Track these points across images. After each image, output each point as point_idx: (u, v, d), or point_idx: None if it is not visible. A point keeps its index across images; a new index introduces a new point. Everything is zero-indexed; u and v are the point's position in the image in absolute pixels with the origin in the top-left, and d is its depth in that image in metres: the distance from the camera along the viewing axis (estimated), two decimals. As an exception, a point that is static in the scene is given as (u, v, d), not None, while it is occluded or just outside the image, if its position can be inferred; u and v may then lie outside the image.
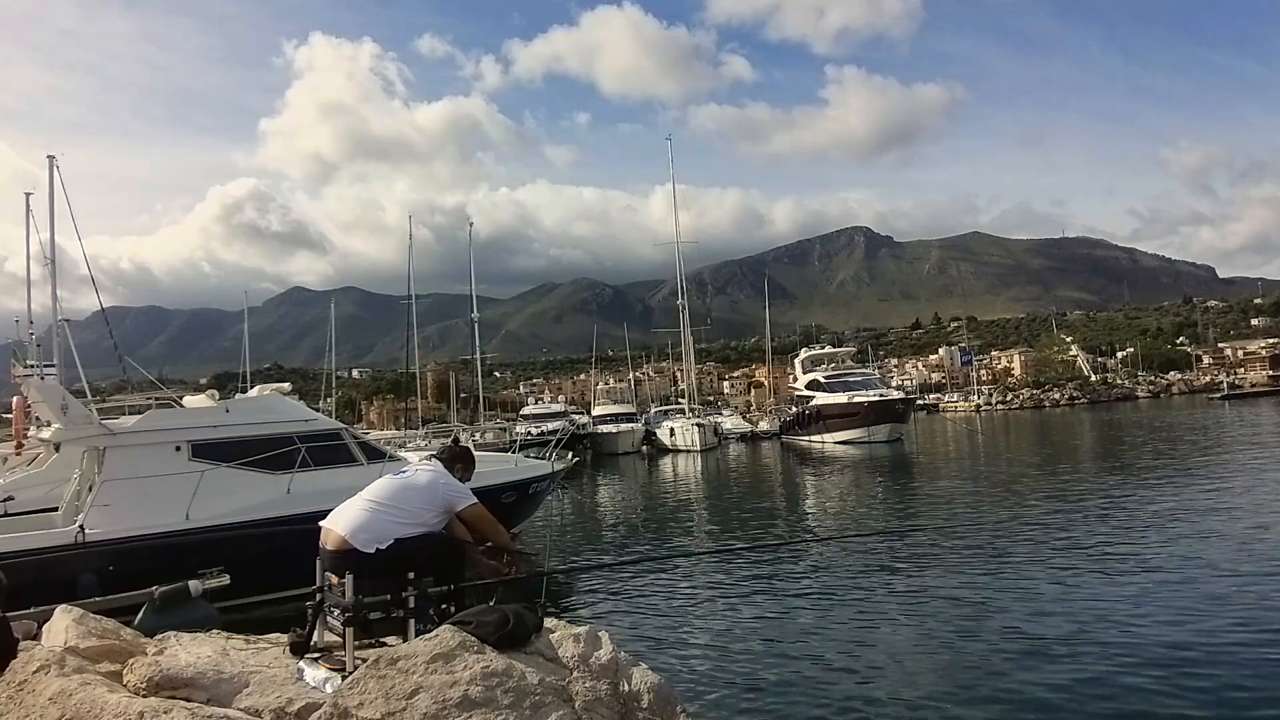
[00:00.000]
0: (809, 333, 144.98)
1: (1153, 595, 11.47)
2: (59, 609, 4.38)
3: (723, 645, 10.42)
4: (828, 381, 55.41)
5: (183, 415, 14.61)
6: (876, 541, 16.86)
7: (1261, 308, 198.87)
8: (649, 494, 32.19)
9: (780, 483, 35.14)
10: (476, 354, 62.61)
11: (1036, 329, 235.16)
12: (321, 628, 4.19)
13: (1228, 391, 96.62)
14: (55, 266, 29.73)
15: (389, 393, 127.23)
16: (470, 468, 5.04)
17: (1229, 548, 14.19)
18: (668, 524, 23.14)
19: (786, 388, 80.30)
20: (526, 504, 17.90)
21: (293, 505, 12.57)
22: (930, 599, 12.02)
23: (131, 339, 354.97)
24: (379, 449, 15.91)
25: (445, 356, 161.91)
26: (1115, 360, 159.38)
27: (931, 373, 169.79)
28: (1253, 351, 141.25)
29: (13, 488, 15.23)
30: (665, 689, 3.91)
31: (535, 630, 3.91)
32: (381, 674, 3.46)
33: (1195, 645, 9.21)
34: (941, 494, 26.42)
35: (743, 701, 8.41)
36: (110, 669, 3.83)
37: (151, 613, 9.15)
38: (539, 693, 3.50)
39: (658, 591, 13.50)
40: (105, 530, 12.08)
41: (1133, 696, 7.90)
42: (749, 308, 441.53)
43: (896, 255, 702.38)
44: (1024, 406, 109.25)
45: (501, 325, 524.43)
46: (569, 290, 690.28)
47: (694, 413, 60.82)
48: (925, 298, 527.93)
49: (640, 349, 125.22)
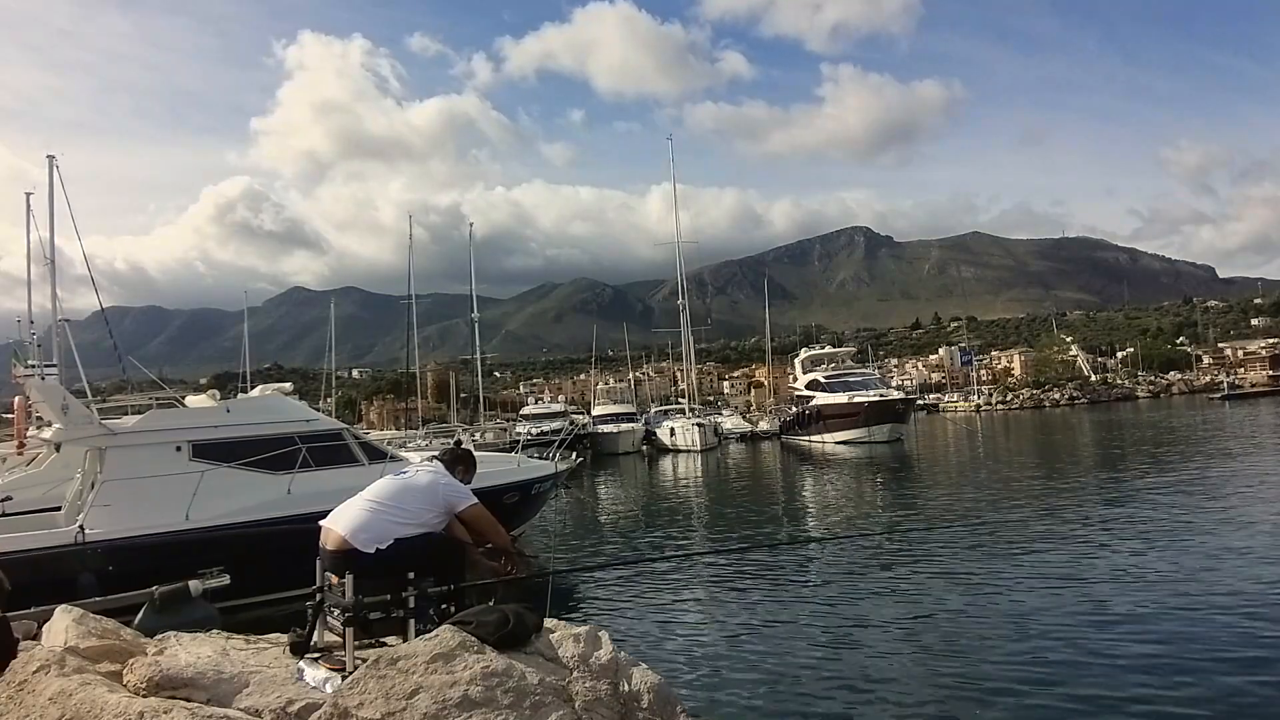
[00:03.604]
0: (809, 333, 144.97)
1: (1153, 595, 11.46)
2: (59, 609, 4.38)
3: (723, 645, 10.41)
4: (828, 381, 55.38)
5: (183, 415, 14.58)
6: (877, 541, 16.85)
7: (1261, 308, 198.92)
8: (649, 494, 32.19)
9: (780, 483, 35.12)
10: (476, 354, 62.63)
11: (1036, 329, 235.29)
12: (321, 628, 4.19)
13: (1228, 391, 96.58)
14: (55, 267, 29.75)
15: (389, 393, 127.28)
16: (471, 470, 5.05)
17: (1229, 548, 14.18)
18: (668, 524, 23.13)
19: (786, 388, 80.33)
20: (529, 505, 17.84)
21: (293, 505, 12.54)
22: (930, 599, 12.01)
23: (131, 339, 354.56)
24: (380, 449, 15.87)
25: (445, 356, 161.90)
26: (1115, 360, 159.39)
27: (931, 373, 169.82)
28: (1253, 351, 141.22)
29: (12, 488, 15.22)
30: (665, 689, 3.91)
31: (535, 630, 3.91)
32: (381, 674, 3.46)
33: (1196, 646, 9.22)
34: (941, 494, 26.43)
35: (743, 701, 8.40)
36: (110, 669, 3.83)
37: (151, 613, 9.13)
38: (539, 693, 3.50)
39: (658, 591, 13.50)
40: (105, 530, 12.06)
41: (1133, 696, 7.91)
42: (749, 308, 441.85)
43: (896, 255, 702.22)
44: (1024, 406, 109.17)
45: (501, 325, 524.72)
46: (569, 290, 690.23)
47: (694, 413, 60.82)
48: (925, 298, 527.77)
49: (640, 349, 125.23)
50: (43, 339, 28.04)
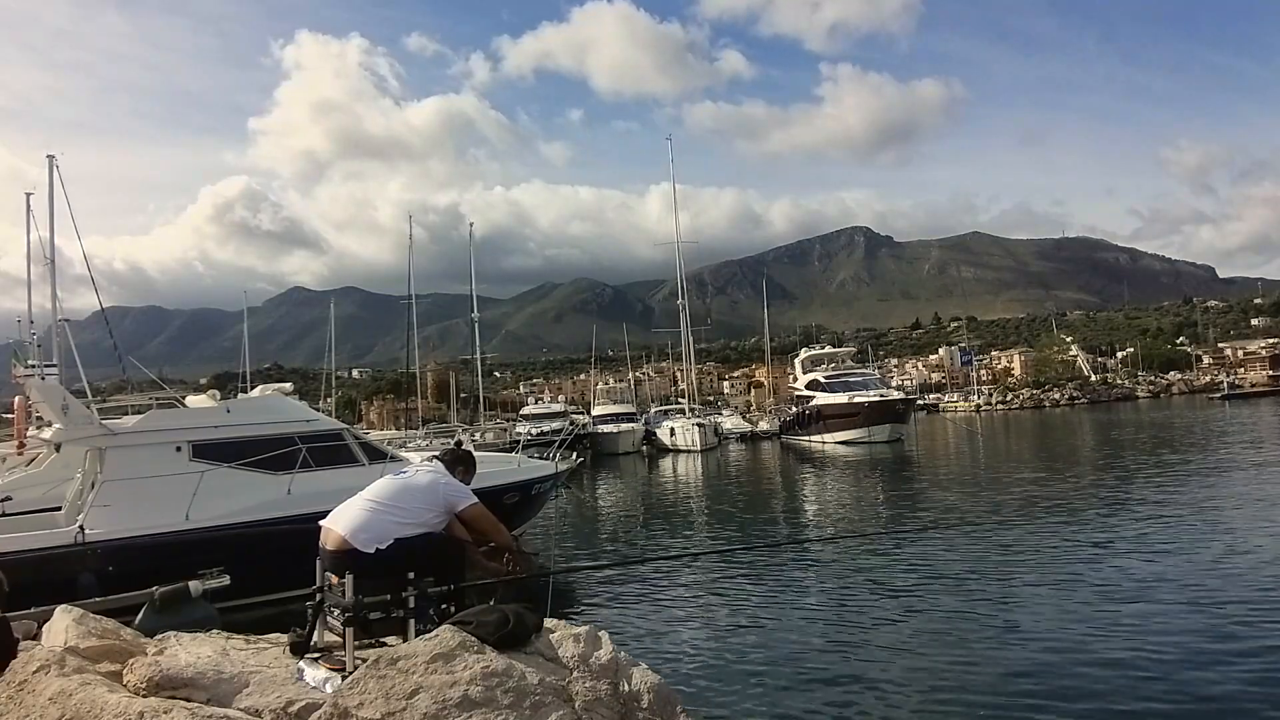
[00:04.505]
0: (809, 333, 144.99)
1: (1154, 596, 11.47)
2: (59, 609, 4.37)
3: (723, 645, 10.42)
4: (828, 381, 55.40)
5: (183, 415, 14.58)
6: (877, 541, 16.84)
7: (1261, 308, 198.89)
8: (649, 494, 32.19)
9: (780, 483, 35.12)
10: (477, 354, 62.61)
11: (1036, 329, 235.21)
12: (321, 628, 4.19)
13: (1228, 391, 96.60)
14: (55, 267, 29.75)
15: (389, 393, 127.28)
16: (471, 471, 5.04)
17: (1229, 549, 14.18)
18: (668, 524, 23.13)
19: (786, 388, 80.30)
20: (529, 505, 17.83)
21: (293, 505, 12.55)
22: (931, 599, 12.02)
23: (131, 339, 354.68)
24: (380, 449, 15.87)
25: (445, 356, 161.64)
26: (1115, 360, 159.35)
27: (931, 373, 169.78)
28: (1253, 351, 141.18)
29: (12, 488, 15.22)
30: (665, 689, 3.90)
31: (535, 630, 3.91)
32: (381, 674, 3.46)
33: (1197, 647, 9.22)
34: (941, 495, 26.41)
35: (743, 701, 8.41)
36: (110, 669, 3.83)
37: (151, 613, 9.13)
38: (539, 693, 3.50)
39: (658, 591, 13.50)
40: (105, 530, 12.06)
41: (1133, 696, 7.90)
42: (749, 308, 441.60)
43: (896, 255, 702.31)
44: (1024, 406, 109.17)
45: (501, 325, 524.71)
46: (569, 290, 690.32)
47: (694, 413, 60.81)
48: (925, 298, 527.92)
49: (640, 349, 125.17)
50: (43, 339, 28.04)
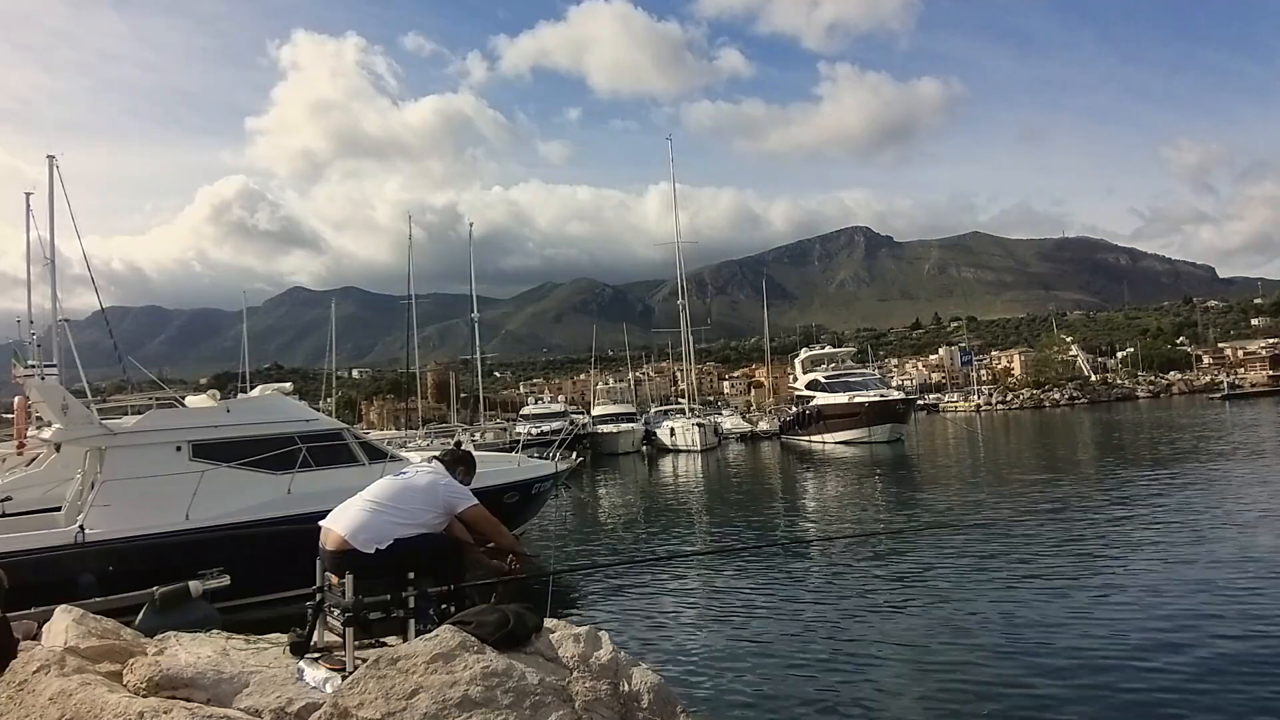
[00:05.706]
0: (809, 333, 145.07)
1: (1154, 596, 11.47)
2: (59, 609, 4.38)
3: (723, 645, 10.41)
4: (828, 381, 55.36)
5: (183, 415, 14.56)
6: (877, 541, 16.83)
7: (1261, 308, 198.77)
8: (649, 494, 32.18)
9: (780, 483, 35.12)
10: (477, 354, 62.61)
11: (1036, 329, 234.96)
12: (321, 628, 4.20)
13: (1228, 391, 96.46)
14: (55, 267, 29.75)
15: (389, 393, 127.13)
16: (471, 472, 5.05)
17: (1230, 549, 14.18)
18: (668, 524, 23.12)
19: (786, 388, 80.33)
20: (529, 504, 17.84)
21: (294, 505, 12.54)
22: (930, 598, 12.02)
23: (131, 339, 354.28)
24: (381, 449, 15.86)
25: (445, 356, 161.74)
26: (1115, 360, 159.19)
27: (931, 373, 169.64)
28: (1253, 351, 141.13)
29: (12, 488, 15.20)
30: (665, 689, 3.90)
31: (535, 630, 3.91)
32: (381, 674, 3.46)
33: (1197, 648, 9.22)
34: (942, 494, 26.42)
35: (743, 701, 8.41)
36: (110, 669, 3.84)
37: (151, 613, 9.13)
38: (539, 693, 3.50)
39: (658, 591, 13.50)
40: (105, 530, 12.06)
41: (1133, 696, 7.90)
42: (749, 308, 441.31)
43: (896, 255, 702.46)
44: (1024, 406, 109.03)
45: (501, 325, 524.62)
46: (568, 290, 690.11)
47: (694, 413, 60.79)
48: (925, 298, 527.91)
49: (640, 349, 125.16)
50: (43, 339, 28.06)
